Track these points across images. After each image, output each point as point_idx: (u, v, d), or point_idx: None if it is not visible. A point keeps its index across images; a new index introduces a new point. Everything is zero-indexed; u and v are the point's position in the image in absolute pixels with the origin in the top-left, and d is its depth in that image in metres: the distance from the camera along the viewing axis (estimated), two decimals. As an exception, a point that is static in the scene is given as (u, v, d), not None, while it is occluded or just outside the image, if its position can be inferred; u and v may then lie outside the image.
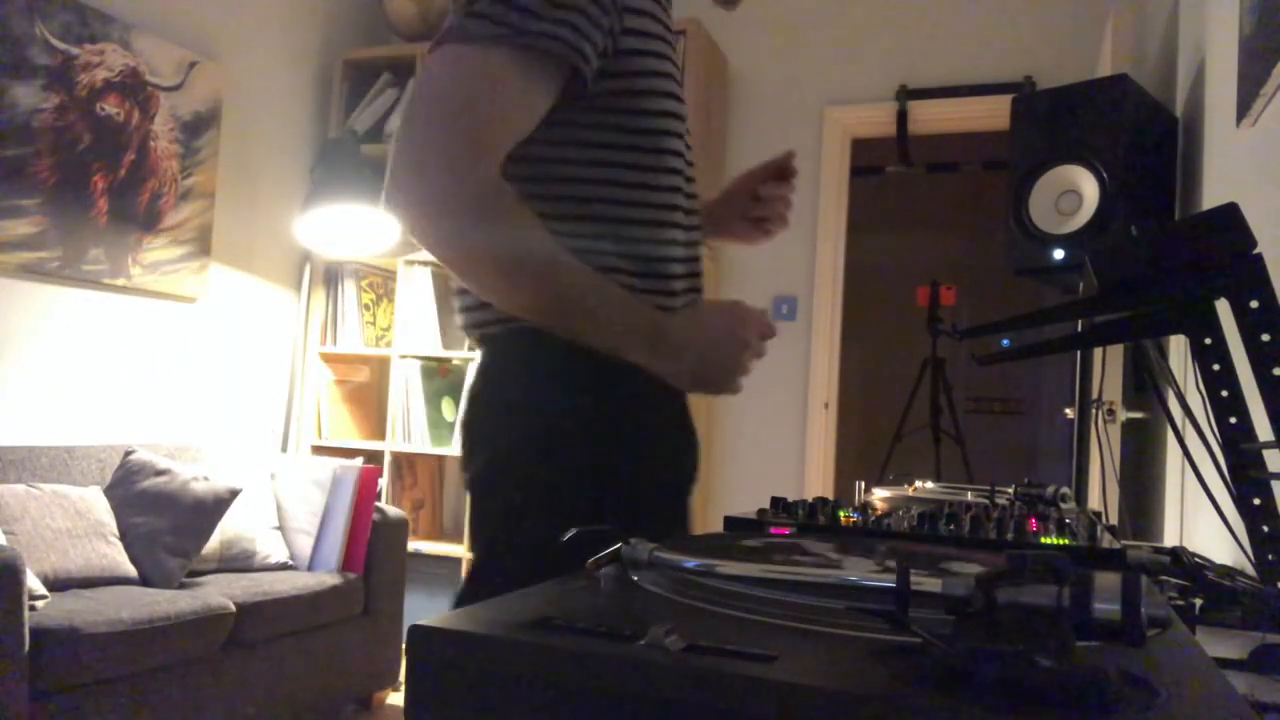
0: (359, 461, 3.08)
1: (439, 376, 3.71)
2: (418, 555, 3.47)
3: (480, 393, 1.04)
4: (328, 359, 3.76)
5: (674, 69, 1.04)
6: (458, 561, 3.46)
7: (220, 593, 2.48)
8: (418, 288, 3.64)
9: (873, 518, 1.00)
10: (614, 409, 0.99)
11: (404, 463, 3.72)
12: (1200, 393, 0.93)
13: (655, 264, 1.03)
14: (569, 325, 0.95)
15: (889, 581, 0.52)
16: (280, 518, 2.98)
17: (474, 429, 1.04)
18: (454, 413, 3.67)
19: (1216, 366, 0.90)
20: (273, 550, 2.87)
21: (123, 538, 2.55)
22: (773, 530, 0.95)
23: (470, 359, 3.52)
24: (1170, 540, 2.12)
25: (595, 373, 0.97)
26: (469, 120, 0.88)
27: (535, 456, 0.98)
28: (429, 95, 0.90)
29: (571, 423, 0.98)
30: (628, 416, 1.01)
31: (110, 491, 2.65)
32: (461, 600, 0.99)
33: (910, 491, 1.40)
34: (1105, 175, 2.04)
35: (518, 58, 0.89)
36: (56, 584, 2.31)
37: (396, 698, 3.20)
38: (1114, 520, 2.23)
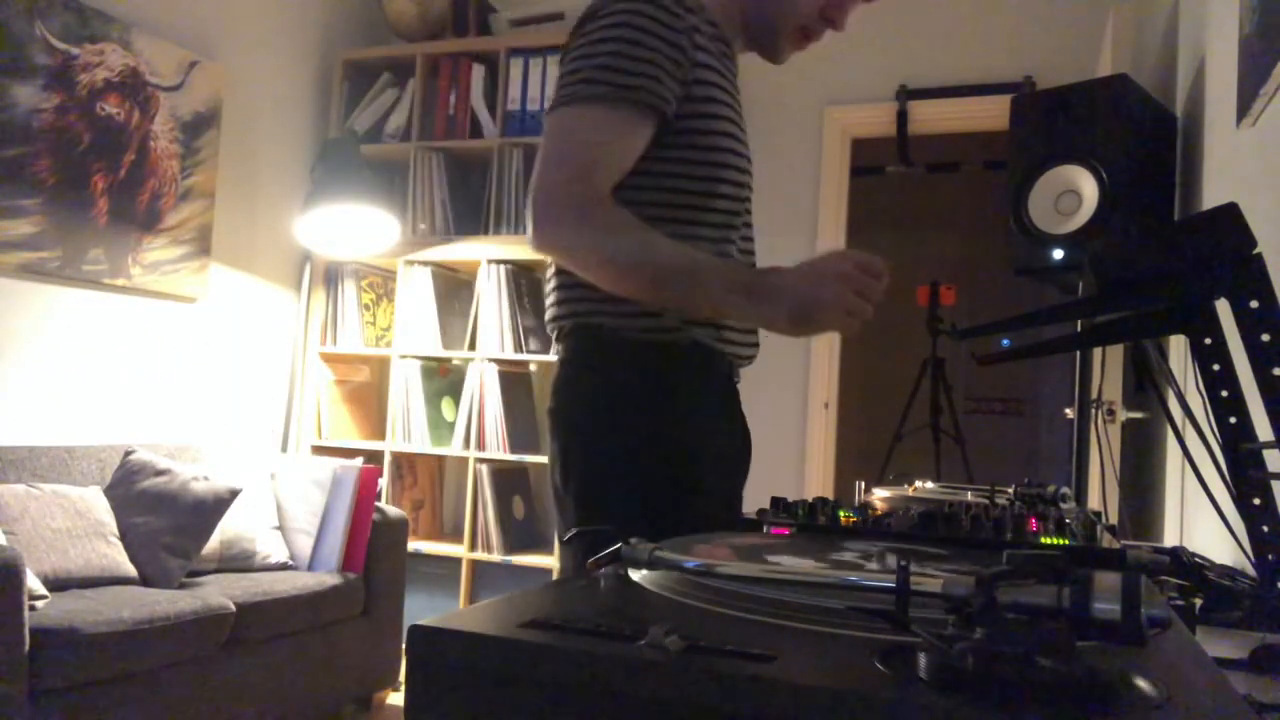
0: (359, 461, 3.08)
1: (439, 376, 3.71)
2: (418, 555, 3.47)
3: (558, 380, 1.25)
4: (328, 359, 3.76)
5: (734, 112, 1.26)
6: (458, 561, 3.46)
7: (220, 593, 2.48)
8: (418, 288, 3.64)
9: (873, 518, 1.00)
10: (665, 391, 1.19)
11: (404, 463, 3.72)
12: (1200, 393, 0.93)
13: None
14: (674, 297, 1.14)
15: (889, 581, 0.52)
16: (280, 518, 2.98)
17: (555, 414, 1.24)
18: (454, 413, 3.67)
19: (1216, 366, 0.90)
20: (273, 550, 2.87)
21: (123, 538, 2.55)
22: (773, 530, 0.95)
23: (469, 359, 3.52)
24: (1170, 540, 2.12)
25: (648, 360, 1.19)
26: (582, 157, 1.12)
27: (605, 435, 1.18)
28: (548, 147, 1.14)
29: (633, 403, 1.18)
30: (679, 398, 1.20)
31: (110, 491, 2.65)
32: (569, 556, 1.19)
33: (910, 491, 1.40)
34: (1105, 175, 2.04)
35: (615, 108, 1.12)
36: (56, 584, 2.31)
37: (396, 698, 3.20)
38: (1114, 520, 2.22)
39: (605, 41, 1.13)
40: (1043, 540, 0.89)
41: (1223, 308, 0.89)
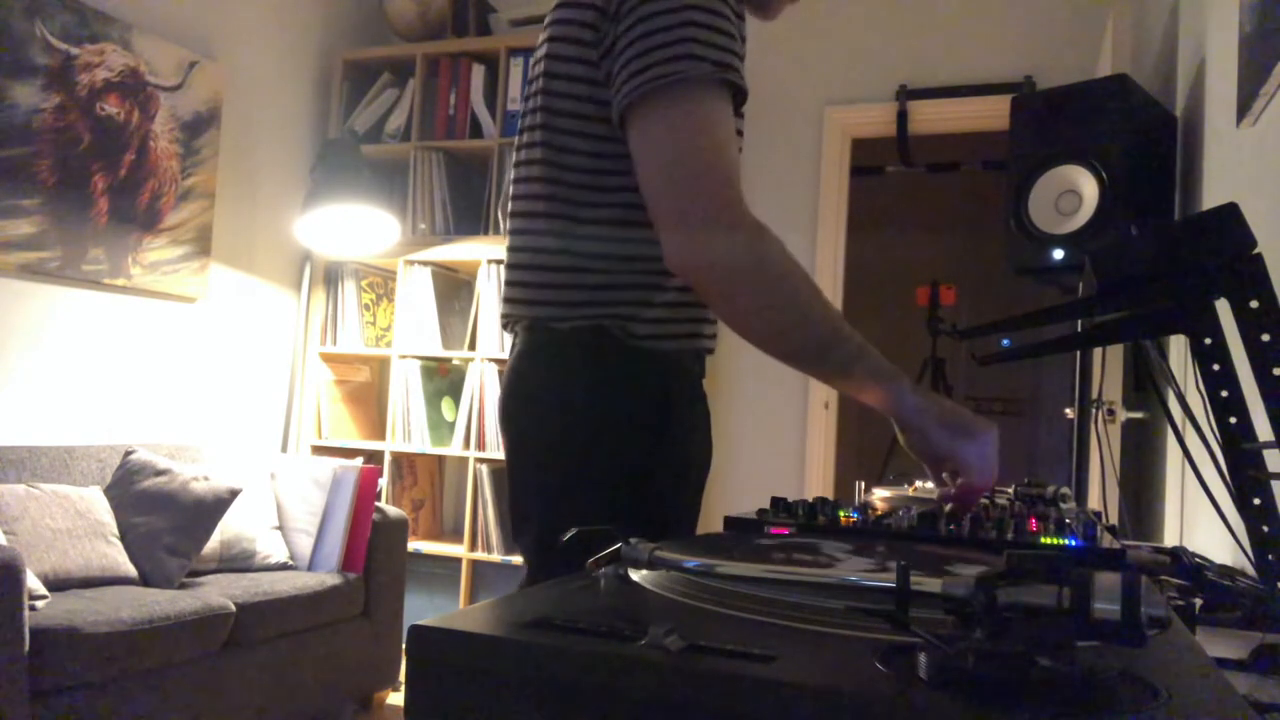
0: (359, 461, 3.08)
1: (439, 376, 3.71)
2: (418, 555, 3.47)
3: (510, 380, 1.17)
4: (328, 359, 3.76)
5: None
6: (458, 561, 3.46)
7: (220, 593, 2.48)
8: (418, 288, 3.64)
9: (873, 518, 1.00)
10: (665, 405, 1.13)
11: (404, 463, 3.72)
12: (1200, 393, 0.93)
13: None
14: (833, 365, 1.04)
15: (889, 581, 0.52)
16: (280, 518, 2.98)
17: (504, 413, 1.17)
18: (454, 413, 3.67)
19: (1216, 366, 0.90)
20: (273, 550, 2.87)
21: (123, 538, 2.55)
22: (772, 530, 0.95)
23: (469, 359, 3.52)
24: (1170, 540, 2.12)
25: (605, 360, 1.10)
26: (726, 164, 0.99)
27: (554, 434, 1.11)
28: (685, 139, 0.99)
29: (582, 401, 1.10)
30: (678, 410, 1.14)
31: (110, 491, 2.65)
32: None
33: (910, 491, 1.40)
34: (1105, 175, 2.04)
35: (721, 88, 0.99)
36: (56, 584, 2.31)
37: (396, 698, 3.20)
38: (1114, 520, 2.22)
39: (693, 10, 0.99)
40: (1043, 540, 0.89)
41: (1223, 308, 0.89)
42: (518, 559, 3.39)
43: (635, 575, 0.68)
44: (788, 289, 1.00)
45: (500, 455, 3.45)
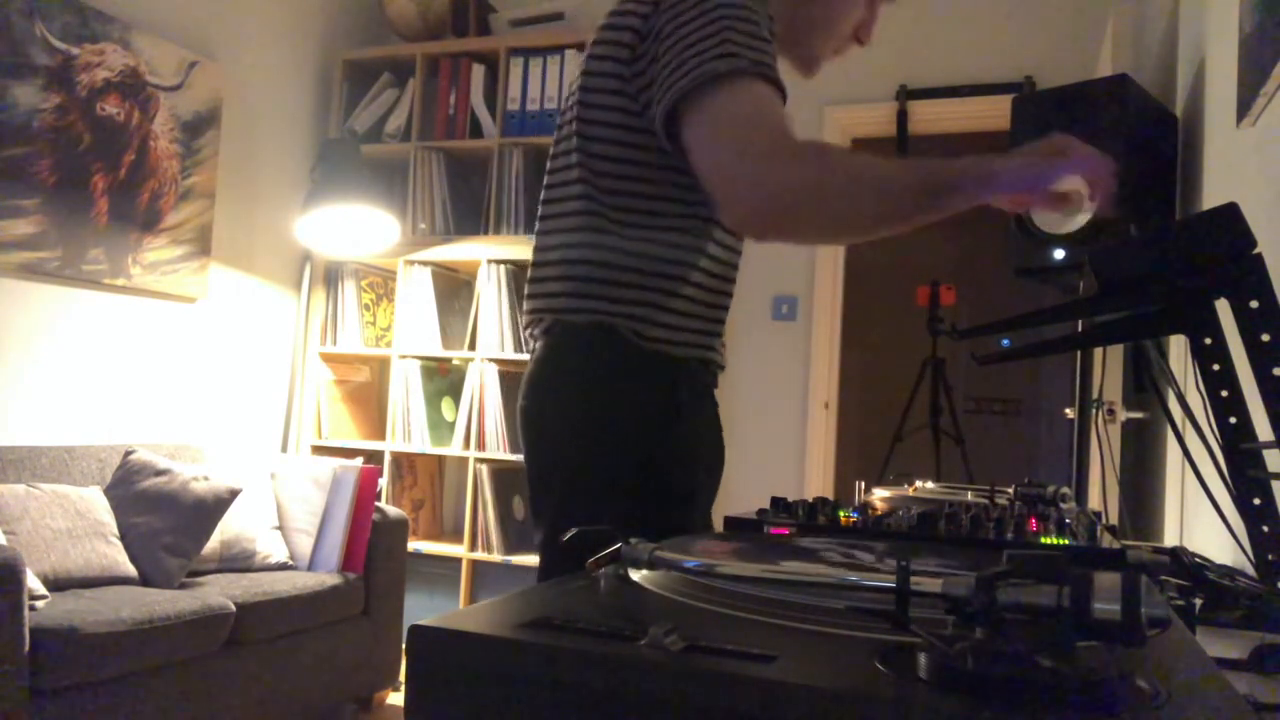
0: (359, 461, 3.08)
1: (439, 376, 3.71)
2: (418, 555, 3.47)
3: (526, 377, 1.22)
4: (328, 359, 3.76)
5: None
6: (458, 561, 3.46)
7: (220, 593, 2.48)
8: (418, 288, 3.64)
9: (873, 518, 1.00)
10: (675, 405, 1.17)
11: (404, 463, 3.72)
12: (1200, 393, 0.93)
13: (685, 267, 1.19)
14: (925, 209, 1.04)
15: (889, 581, 0.52)
16: (280, 518, 2.98)
17: (520, 412, 1.22)
18: (454, 413, 3.67)
19: (1216, 366, 0.90)
20: (273, 550, 2.87)
21: (123, 538, 2.55)
22: (772, 530, 0.95)
23: (469, 359, 3.52)
24: (1170, 540, 2.12)
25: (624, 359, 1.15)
26: (771, 122, 1.03)
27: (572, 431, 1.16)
28: (733, 114, 1.04)
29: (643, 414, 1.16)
30: (685, 410, 1.18)
31: (110, 491, 2.65)
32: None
33: (910, 491, 1.40)
34: (1105, 175, 2.04)
35: (764, 86, 1.05)
36: (56, 584, 2.31)
37: (396, 698, 3.20)
38: (1114, 520, 2.23)
39: (729, 18, 1.06)
40: (1043, 540, 0.89)
41: (1223, 308, 0.89)
42: (518, 559, 3.39)
43: (635, 575, 0.68)
44: (866, 178, 1.02)
45: (500, 455, 3.45)
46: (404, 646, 0.97)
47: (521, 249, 3.44)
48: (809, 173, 1.00)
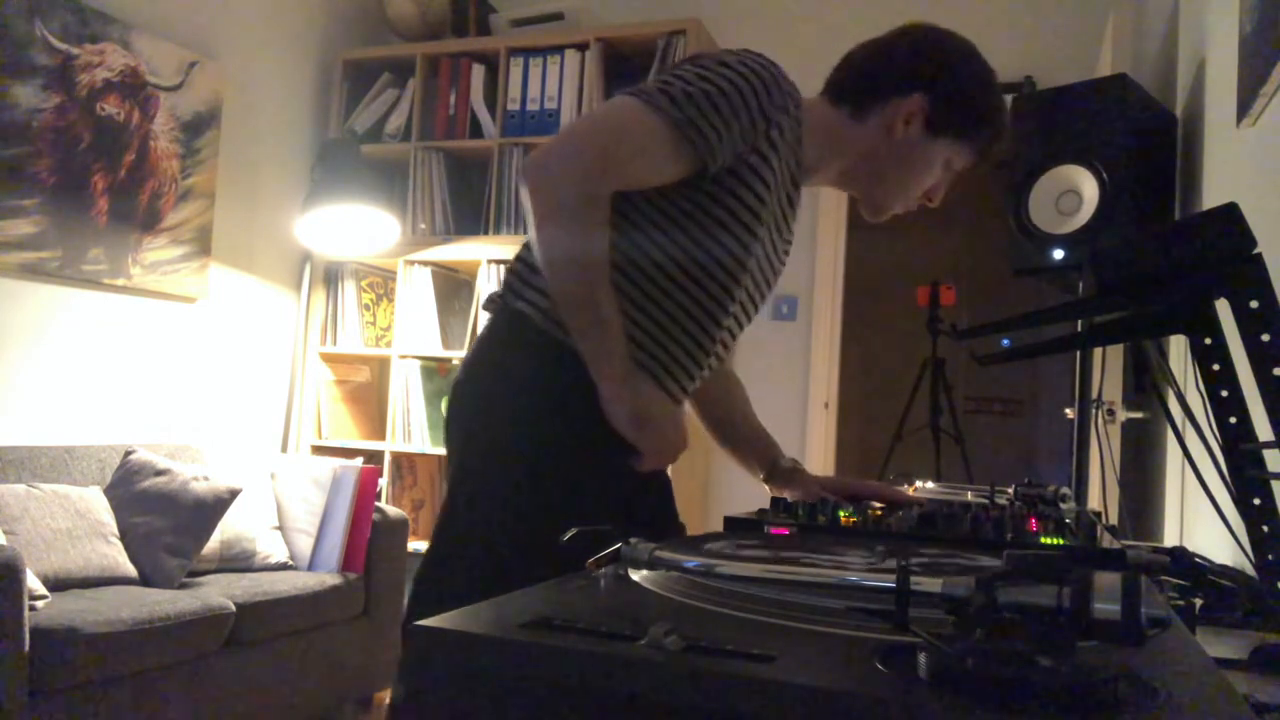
0: (359, 461, 3.08)
1: (439, 376, 3.71)
2: (418, 555, 3.46)
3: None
4: (328, 359, 3.76)
5: (760, 205, 1.21)
6: (458, 561, 3.45)
7: (220, 593, 2.48)
8: (418, 288, 3.64)
9: (873, 518, 1.00)
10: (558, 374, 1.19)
11: (404, 463, 3.72)
12: (1200, 393, 0.93)
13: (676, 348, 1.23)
14: (576, 324, 1.14)
15: (889, 581, 0.52)
16: (280, 518, 2.98)
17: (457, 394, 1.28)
18: (454, 413, 3.67)
19: (1216, 366, 0.90)
20: (273, 550, 2.87)
21: (123, 538, 2.55)
22: (773, 530, 0.95)
23: (470, 359, 3.52)
24: (1170, 540, 2.12)
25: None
26: (606, 141, 1.11)
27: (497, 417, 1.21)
28: (595, 115, 1.18)
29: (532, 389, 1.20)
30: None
31: (110, 491, 2.65)
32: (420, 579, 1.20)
33: (910, 491, 1.40)
34: (1105, 175, 2.04)
35: (669, 129, 1.10)
36: (56, 584, 2.31)
37: (396, 698, 3.20)
38: (1114, 520, 2.23)
39: (706, 80, 1.13)
40: (1043, 540, 0.89)
41: (1223, 308, 0.89)
42: (518, 559, 3.39)
43: (635, 575, 0.68)
44: (567, 243, 1.11)
45: (500, 455, 3.45)
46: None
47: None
48: (567, 201, 1.09)
